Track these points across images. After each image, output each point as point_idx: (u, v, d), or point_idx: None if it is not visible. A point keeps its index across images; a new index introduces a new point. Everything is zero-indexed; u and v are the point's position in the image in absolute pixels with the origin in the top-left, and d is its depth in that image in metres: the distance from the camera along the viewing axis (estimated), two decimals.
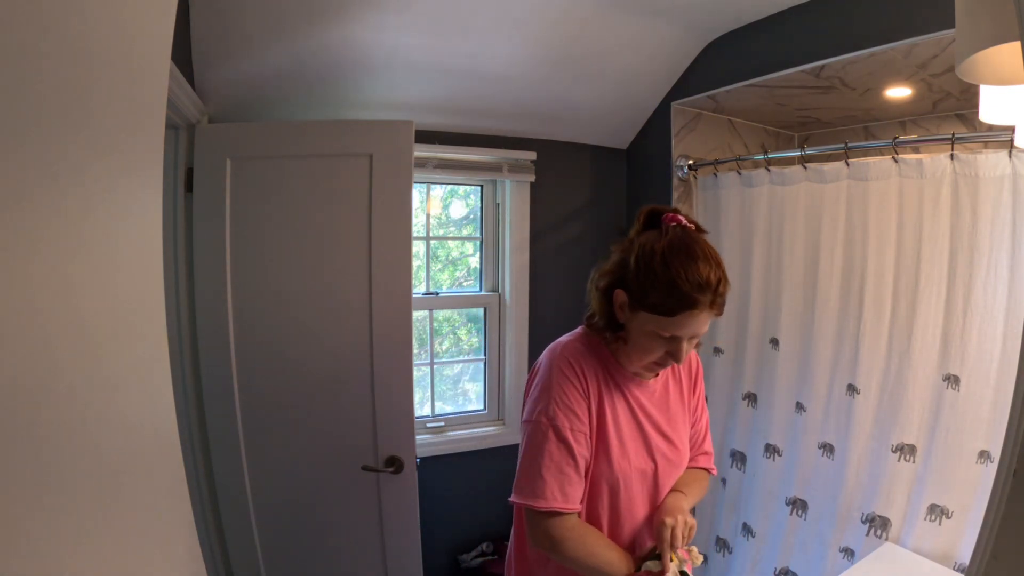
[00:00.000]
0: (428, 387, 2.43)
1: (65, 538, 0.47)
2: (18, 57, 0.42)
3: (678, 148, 2.33)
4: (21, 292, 0.43)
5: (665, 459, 1.10)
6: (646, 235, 1.01)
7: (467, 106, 2.16)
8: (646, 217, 1.05)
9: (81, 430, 0.51)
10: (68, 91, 0.49)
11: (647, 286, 0.95)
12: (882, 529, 1.67)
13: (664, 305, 0.93)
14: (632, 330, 1.01)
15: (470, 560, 2.36)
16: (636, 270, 0.96)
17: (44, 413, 0.46)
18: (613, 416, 1.05)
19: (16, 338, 0.42)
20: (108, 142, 0.57)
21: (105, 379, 0.56)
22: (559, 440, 0.99)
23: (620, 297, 1.00)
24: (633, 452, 1.06)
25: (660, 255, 0.94)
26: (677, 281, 0.92)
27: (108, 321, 0.57)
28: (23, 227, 0.44)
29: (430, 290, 2.41)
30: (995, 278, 1.51)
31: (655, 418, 1.10)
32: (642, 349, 1.00)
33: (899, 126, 2.36)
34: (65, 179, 0.49)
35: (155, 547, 0.65)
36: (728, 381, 2.22)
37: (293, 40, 1.69)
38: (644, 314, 0.96)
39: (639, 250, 0.98)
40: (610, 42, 2.02)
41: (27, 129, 0.44)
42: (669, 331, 0.96)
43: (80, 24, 0.50)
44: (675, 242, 0.96)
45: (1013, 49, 0.74)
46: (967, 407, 1.54)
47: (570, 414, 1.00)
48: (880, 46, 1.61)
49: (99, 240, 0.55)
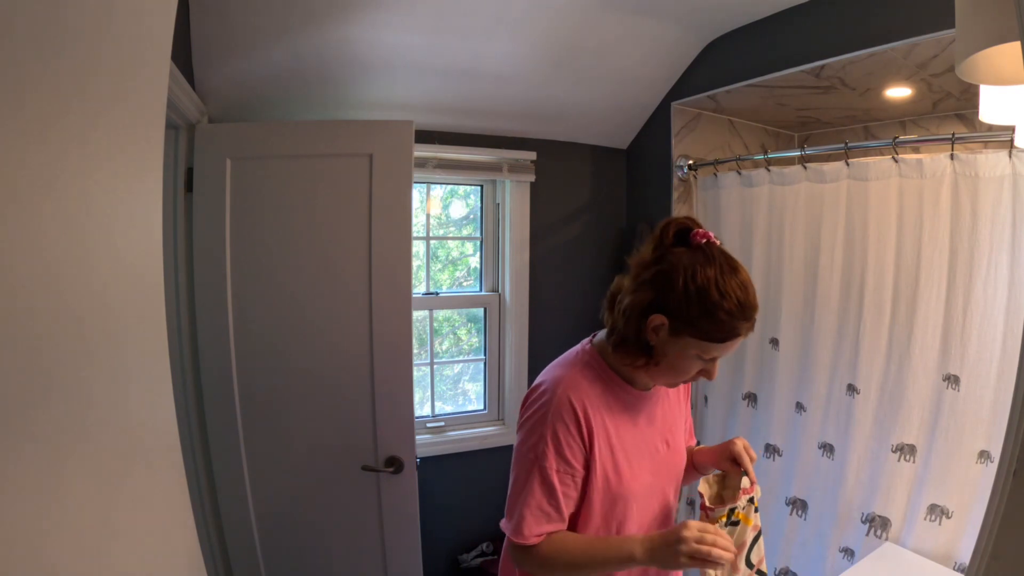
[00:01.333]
0: (428, 387, 2.43)
1: (65, 538, 0.47)
2: (18, 57, 0.42)
3: (678, 148, 2.33)
4: (21, 292, 0.43)
5: (669, 465, 1.12)
6: (687, 257, 0.95)
7: (467, 106, 2.16)
8: (676, 232, 0.99)
9: (81, 430, 0.51)
10: (68, 91, 0.49)
11: (698, 313, 0.92)
12: (882, 529, 1.67)
13: (717, 332, 0.93)
14: (669, 353, 0.97)
15: (470, 560, 2.36)
16: (686, 296, 0.92)
17: (44, 413, 0.46)
18: (620, 440, 1.04)
19: (16, 338, 0.42)
20: (108, 142, 0.57)
21: (105, 379, 0.56)
22: (542, 481, 0.99)
23: (658, 321, 0.95)
24: (642, 468, 1.06)
25: (715, 283, 0.92)
26: (733, 309, 0.91)
27: (108, 321, 0.57)
28: (23, 227, 0.44)
29: (430, 290, 2.41)
30: (995, 278, 1.51)
31: (658, 427, 1.11)
32: (677, 371, 0.99)
33: (899, 126, 2.36)
34: (65, 179, 0.49)
35: (155, 547, 0.65)
36: (728, 381, 2.22)
37: (293, 40, 1.69)
38: (688, 339, 0.94)
39: (687, 275, 0.93)
40: (610, 42, 2.02)
41: (27, 129, 0.44)
42: (712, 354, 0.96)
43: (80, 24, 0.50)
44: (725, 267, 0.94)
45: (1013, 49, 0.74)
46: (967, 407, 1.54)
47: (560, 458, 0.99)
48: (880, 46, 1.61)
49: (99, 240, 0.55)
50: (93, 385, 0.53)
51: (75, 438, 0.50)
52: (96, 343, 0.54)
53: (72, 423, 0.49)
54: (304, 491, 1.78)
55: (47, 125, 0.46)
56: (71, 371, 0.50)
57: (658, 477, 1.09)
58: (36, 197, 0.45)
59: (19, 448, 0.42)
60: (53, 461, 0.46)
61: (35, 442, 0.44)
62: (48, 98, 0.46)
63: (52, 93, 0.47)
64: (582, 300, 2.56)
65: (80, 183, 0.52)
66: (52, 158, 0.47)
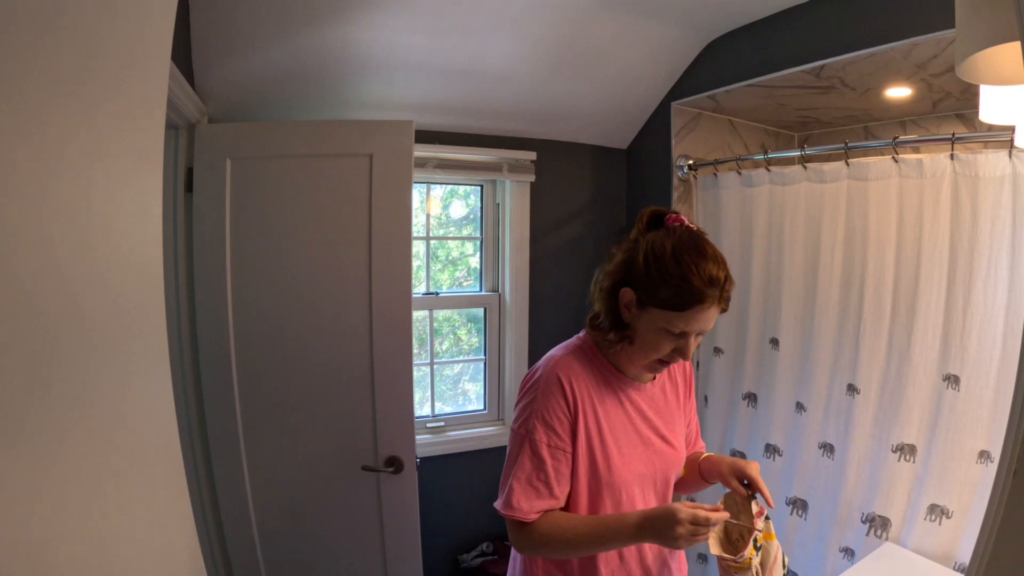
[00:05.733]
0: (428, 387, 2.43)
1: (66, 537, 0.47)
2: (18, 57, 0.42)
3: (678, 148, 2.33)
4: (21, 291, 0.43)
5: (664, 461, 1.11)
6: (652, 234, 1.02)
7: (467, 106, 2.16)
8: (649, 218, 1.06)
9: (81, 431, 0.51)
10: (68, 91, 0.49)
11: (658, 282, 0.96)
12: (882, 529, 1.67)
13: (675, 300, 0.95)
14: (640, 328, 1.01)
15: (470, 560, 2.36)
16: (646, 267, 0.98)
17: (44, 414, 0.46)
18: (610, 425, 1.05)
19: (16, 338, 0.42)
20: (108, 142, 0.57)
21: (105, 379, 0.56)
22: (533, 454, 1.01)
23: (627, 296, 1.01)
24: (633, 458, 1.06)
25: (671, 251, 0.96)
26: (688, 275, 0.94)
27: (108, 321, 0.57)
28: (23, 226, 0.44)
29: (430, 290, 2.41)
30: (995, 278, 1.51)
31: (653, 421, 1.11)
32: (649, 347, 1.01)
33: (899, 126, 2.36)
34: (65, 179, 0.49)
35: (155, 547, 0.65)
36: (728, 381, 2.22)
37: (293, 40, 1.69)
38: (653, 311, 0.98)
39: (648, 247, 0.99)
40: (610, 42, 2.02)
41: (28, 128, 0.44)
42: (679, 327, 0.97)
43: (80, 24, 0.50)
44: (684, 239, 0.99)
45: (1013, 49, 0.74)
46: (967, 407, 1.54)
47: (549, 430, 1.01)
48: (880, 46, 1.61)
49: (99, 240, 0.55)
50: (93, 384, 0.53)
51: (75, 438, 0.50)
52: (96, 343, 0.54)
53: (72, 423, 0.49)
54: (304, 491, 1.78)
55: (47, 124, 0.46)
56: (71, 371, 0.50)
57: (652, 468, 1.09)
58: (36, 196, 0.45)
59: (19, 448, 0.42)
60: (54, 461, 0.46)
61: (36, 442, 0.44)
62: (48, 98, 0.46)
63: (53, 92, 0.47)
64: (582, 300, 2.54)
65: (80, 183, 0.52)
66: (52, 158, 0.47)
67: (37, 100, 0.45)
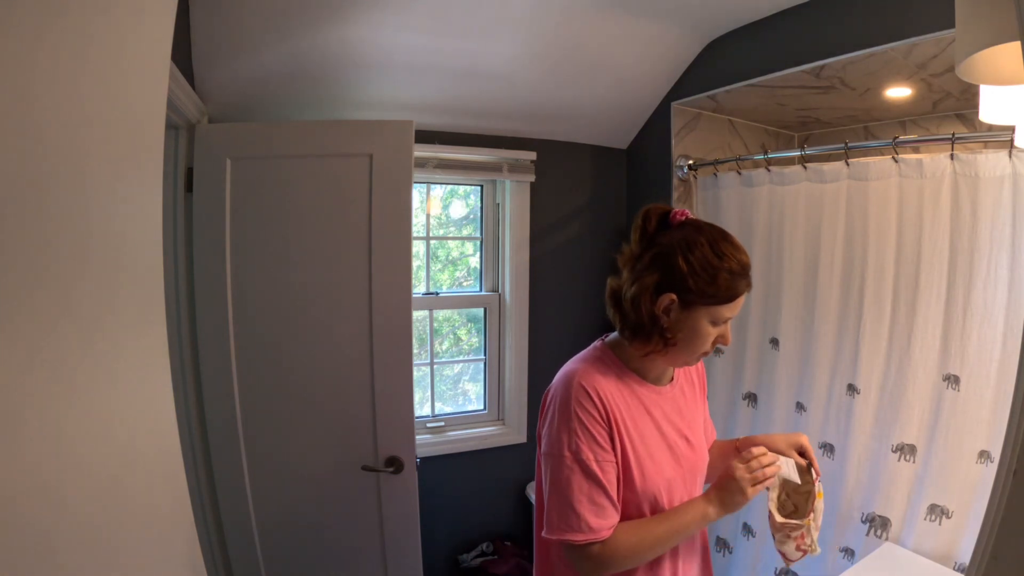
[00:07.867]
0: (428, 387, 2.43)
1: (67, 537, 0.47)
2: (16, 58, 0.42)
3: (678, 148, 2.33)
4: (21, 291, 0.43)
5: (690, 462, 1.11)
6: (675, 234, 1.01)
7: (467, 106, 2.16)
8: (659, 218, 1.05)
9: (81, 431, 0.51)
10: (68, 91, 0.49)
11: (705, 279, 0.97)
12: (882, 529, 1.67)
13: (724, 293, 0.98)
14: (684, 328, 1.00)
15: (470, 560, 2.36)
16: (689, 268, 0.97)
17: (43, 414, 0.46)
18: (639, 433, 1.04)
19: (17, 337, 0.42)
20: (108, 142, 0.57)
21: (105, 379, 0.56)
22: (586, 473, 0.98)
23: (666, 301, 0.99)
24: (663, 462, 1.06)
25: (709, 247, 0.98)
26: (731, 266, 0.98)
27: (108, 321, 0.57)
28: (23, 226, 0.44)
29: (430, 290, 2.41)
30: (995, 278, 1.51)
31: (676, 423, 1.10)
32: (696, 344, 1.02)
33: (899, 126, 2.36)
34: (65, 179, 0.49)
35: (155, 547, 0.65)
36: (728, 381, 2.22)
37: (293, 40, 1.69)
38: (700, 308, 0.99)
39: (683, 248, 0.99)
40: (610, 42, 2.02)
41: (27, 128, 0.44)
42: (724, 316, 1.00)
43: (80, 24, 0.50)
44: (712, 232, 1.01)
45: (1013, 49, 0.74)
46: (967, 407, 1.54)
47: (594, 445, 0.99)
48: (880, 46, 1.61)
49: (99, 240, 0.55)
50: (92, 385, 0.53)
51: (76, 439, 0.50)
52: (95, 343, 0.54)
53: (72, 424, 0.49)
54: (304, 491, 1.78)
55: (47, 124, 0.46)
56: (70, 371, 0.50)
57: (680, 471, 1.08)
58: (36, 196, 0.45)
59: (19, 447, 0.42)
60: (54, 461, 0.46)
61: (36, 441, 0.44)
62: (48, 98, 0.46)
63: (51, 93, 0.47)
64: (582, 300, 2.57)
65: (80, 183, 0.52)
66: (52, 158, 0.47)
67: (36, 101, 0.45)
